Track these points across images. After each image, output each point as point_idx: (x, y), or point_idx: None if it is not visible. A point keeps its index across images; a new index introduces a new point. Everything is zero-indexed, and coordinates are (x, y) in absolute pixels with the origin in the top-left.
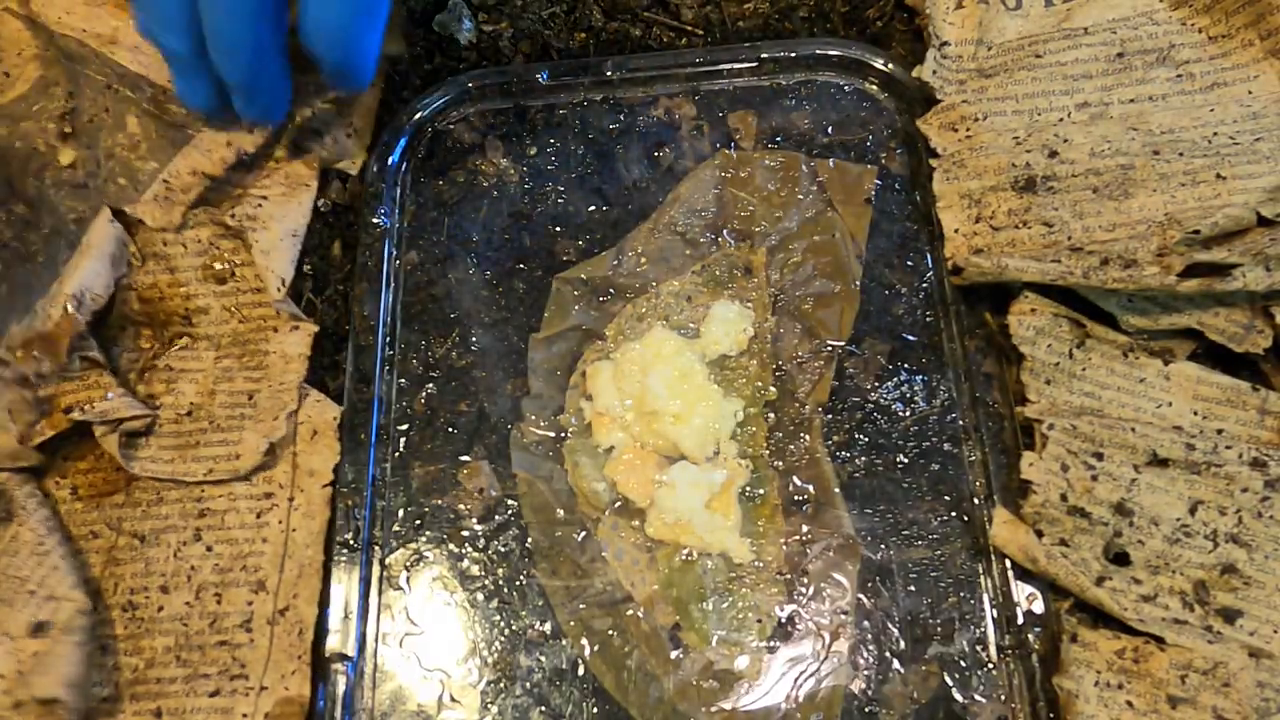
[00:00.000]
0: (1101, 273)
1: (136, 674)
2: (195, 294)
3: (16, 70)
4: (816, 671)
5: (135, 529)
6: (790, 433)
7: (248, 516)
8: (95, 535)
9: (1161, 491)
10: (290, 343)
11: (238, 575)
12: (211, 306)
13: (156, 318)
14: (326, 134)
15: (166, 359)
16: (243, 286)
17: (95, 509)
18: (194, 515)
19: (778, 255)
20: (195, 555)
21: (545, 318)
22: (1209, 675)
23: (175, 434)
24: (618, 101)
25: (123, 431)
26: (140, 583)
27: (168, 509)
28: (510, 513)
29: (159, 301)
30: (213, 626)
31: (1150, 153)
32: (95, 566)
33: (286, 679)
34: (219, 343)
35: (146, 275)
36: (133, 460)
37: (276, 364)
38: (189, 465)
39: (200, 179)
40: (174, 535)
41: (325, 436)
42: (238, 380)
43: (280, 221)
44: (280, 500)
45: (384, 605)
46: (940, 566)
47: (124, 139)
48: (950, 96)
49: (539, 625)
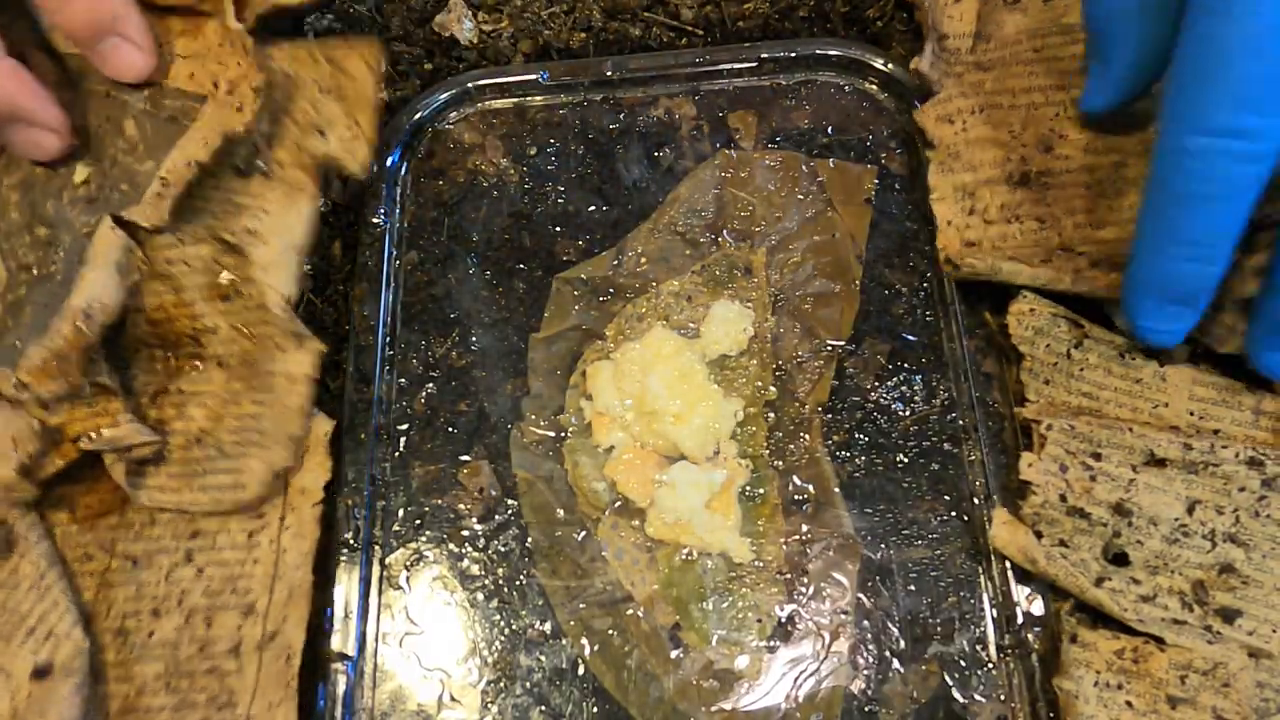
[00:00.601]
0: (1091, 275)
1: (127, 702)
2: (202, 313)
3: None
4: (816, 671)
5: (128, 551)
6: (790, 432)
7: (239, 537)
8: (89, 558)
9: (1159, 491)
10: (295, 362)
11: (228, 598)
12: (219, 326)
13: (167, 339)
14: (328, 133)
15: (179, 382)
16: (249, 304)
17: (90, 530)
18: (186, 536)
19: (778, 255)
20: (186, 577)
21: (545, 318)
22: (1209, 675)
23: (183, 461)
24: (617, 101)
25: (130, 460)
26: (132, 606)
27: (160, 530)
28: (510, 512)
29: (167, 323)
30: (202, 652)
31: (1144, 150)
32: (88, 590)
33: (274, 709)
34: (228, 363)
35: (153, 296)
36: (140, 489)
37: (282, 385)
38: (195, 495)
39: (192, 169)
40: (166, 557)
41: (317, 453)
42: (244, 404)
43: (280, 236)
44: (271, 519)
45: (384, 605)
46: (940, 566)
47: (124, 143)
48: (948, 89)
49: (539, 625)
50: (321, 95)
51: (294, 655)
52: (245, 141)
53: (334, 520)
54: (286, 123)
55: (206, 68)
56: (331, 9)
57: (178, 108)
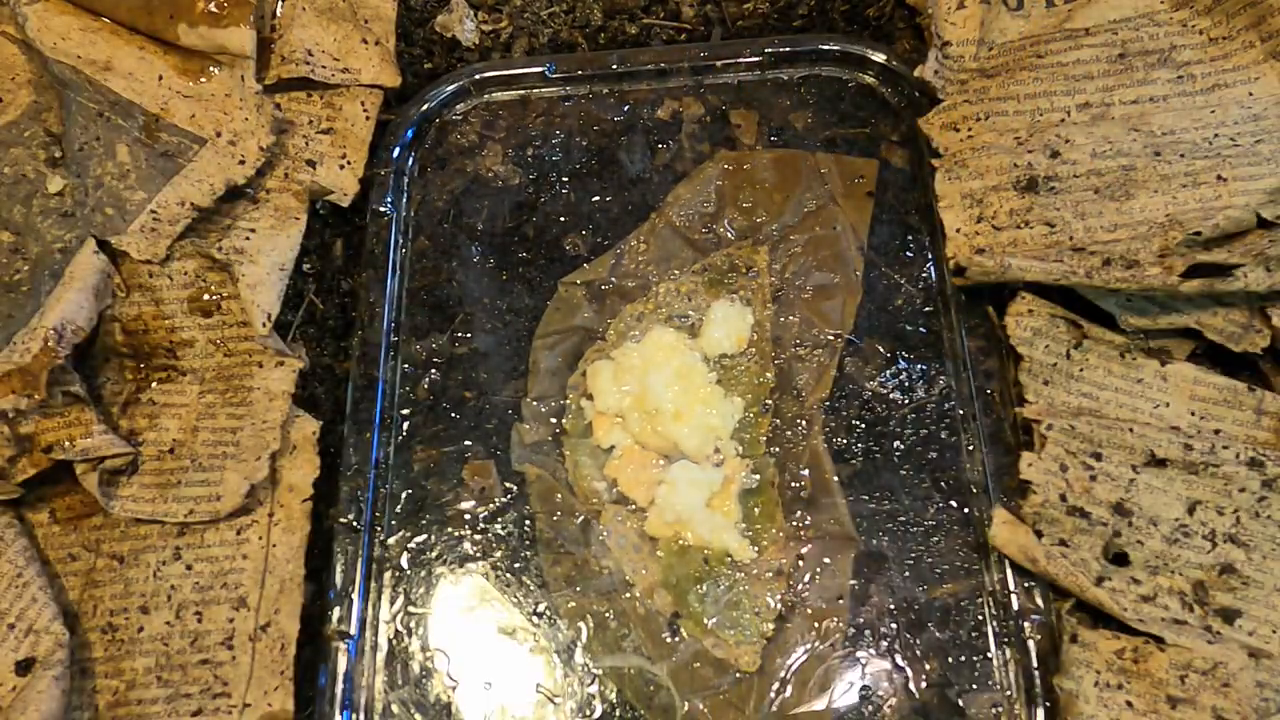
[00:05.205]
0: (1104, 273)
1: (117, 696)
2: (180, 326)
3: (9, 95)
4: (812, 661)
5: (114, 550)
6: (790, 425)
7: (227, 534)
8: (73, 558)
9: (1160, 492)
10: (274, 379)
11: (218, 593)
12: (196, 340)
13: (140, 350)
14: (320, 165)
15: (150, 393)
16: (229, 320)
17: (73, 531)
18: (173, 534)
19: (780, 249)
20: (175, 574)
21: (546, 317)
22: (1208, 675)
23: (156, 472)
24: (622, 95)
25: (103, 470)
26: (120, 604)
27: (146, 529)
28: (509, 497)
29: (143, 334)
30: (194, 645)
31: (1151, 154)
32: (74, 590)
33: (270, 695)
34: (203, 377)
35: (131, 307)
36: (113, 500)
37: (260, 401)
38: (169, 505)
39: (189, 210)
40: (153, 555)
41: (305, 451)
42: (220, 417)
43: (268, 255)
44: (260, 516)
45: (384, 585)
46: (937, 555)
47: (114, 168)
48: (952, 96)
49: (537, 607)
50: (316, 132)
51: (289, 644)
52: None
53: (335, 502)
54: (279, 155)
55: (209, 113)
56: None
57: (174, 145)
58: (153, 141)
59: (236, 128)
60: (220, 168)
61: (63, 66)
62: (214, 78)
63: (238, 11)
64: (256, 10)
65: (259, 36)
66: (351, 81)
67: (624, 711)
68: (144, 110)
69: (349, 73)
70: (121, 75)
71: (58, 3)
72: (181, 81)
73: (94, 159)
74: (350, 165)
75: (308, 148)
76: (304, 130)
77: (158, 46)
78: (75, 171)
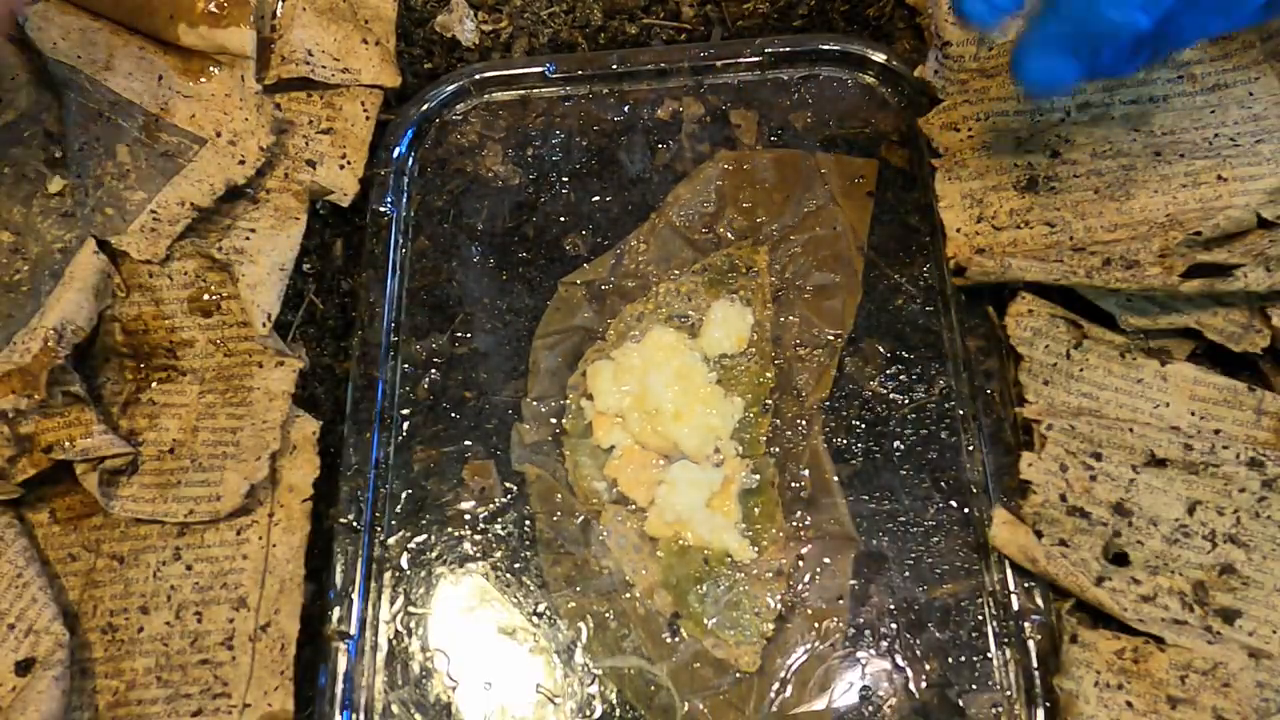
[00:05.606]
0: (1104, 273)
1: (117, 696)
2: (180, 326)
3: (9, 95)
4: (812, 661)
5: (114, 550)
6: (790, 425)
7: (227, 534)
8: (73, 558)
9: (1160, 492)
10: (274, 379)
11: (218, 593)
12: (196, 340)
13: (140, 350)
14: (320, 165)
15: (150, 393)
16: (229, 320)
17: (73, 531)
18: (173, 534)
19: (780, 249)
20: (175, 574)
21: (546, 317)
22: (1209, 675)
23: (156, 472)
24: (622, 95)
25: (103, 470)
26: (120, 604)
27: (146, 529)
28: (509, 497)
29: (143, 334)
30: (194, 645)
31: (1152, 154)
32: (74, 590)
33: (270, 695)
34: (203, 377)
35: (131, 306)
36: (113, 500)
37: (260, 401)
38: (169, 505)
39: (189, 210)
40: (153, 555)
41: (305, 451)
42: (220, 417)
43: (268, 255)
44: (260, 516)
45: (384, 585)
46: (937, 555)
47: (113, 168)
48: (952, 96)
49: (537, 607)
50: (316, 132)
51: (289, 645)
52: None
53: (335, 502)
54: (279, 154)
55: (210, 113)
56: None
57: (174, 145)
58: (153, 141)
59: (236, 128)
60: (220, 168)
61: (61, 66)
62: (214, 78)
63: (238, 11)
64: (256, 10)
65: (259, 36)
66: (351, 81)
67: (624, 712)
68: (144, 110)
69: (349, 73)
70: (121, 75)
71: (57, 3)
72: (181, 81)
73: (94, 159)
74: (350, 165)
75: (308, 148)
76: (304, 130)
77: (158, 46)
78: (75, 171)
